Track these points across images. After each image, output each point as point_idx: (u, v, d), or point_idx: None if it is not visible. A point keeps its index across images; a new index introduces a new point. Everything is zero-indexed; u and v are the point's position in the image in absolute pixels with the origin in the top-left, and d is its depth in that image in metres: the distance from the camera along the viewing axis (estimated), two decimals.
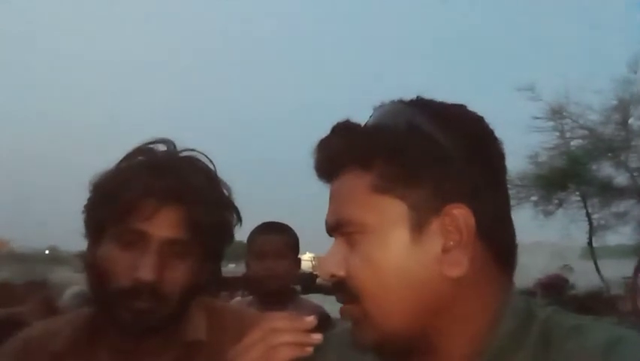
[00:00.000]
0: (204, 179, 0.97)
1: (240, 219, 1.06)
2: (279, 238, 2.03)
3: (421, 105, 0.70)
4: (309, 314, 0.72)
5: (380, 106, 0.71)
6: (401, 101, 0.71)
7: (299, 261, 2.06)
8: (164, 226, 0.90)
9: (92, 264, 0.94)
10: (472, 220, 0.66)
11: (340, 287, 0.67)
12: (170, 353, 0.93)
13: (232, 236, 1.04)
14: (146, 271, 0.88)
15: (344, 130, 0.70)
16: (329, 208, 0.71)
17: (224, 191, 1.01)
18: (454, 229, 0.65)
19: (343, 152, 0.69)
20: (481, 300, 0.67)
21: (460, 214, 0.65)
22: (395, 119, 0.68)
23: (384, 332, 0.65)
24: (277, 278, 1.98)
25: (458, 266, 0.65)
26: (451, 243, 0.65)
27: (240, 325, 1.04)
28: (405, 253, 0.65)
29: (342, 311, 0.69)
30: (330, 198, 0.71)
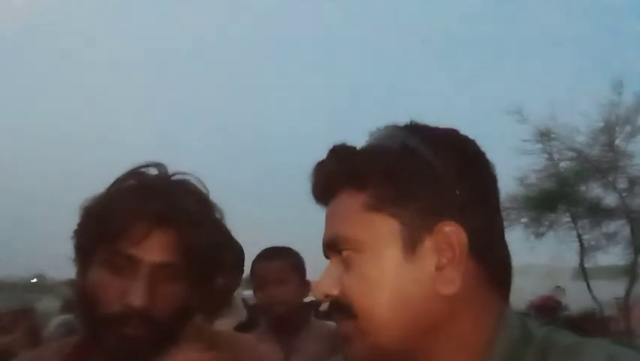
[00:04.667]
0: (196, 202, 0.96)
1: (232, 243, 1.05)
2: (279, 263, 1.98)
3: (414, 128, 0.72)
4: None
5: (375, 130, 0.74)
6: (395, 125, 0.73)
7: (306, 284, 1.99)
8: (154, 250, 0.89)
9: (81, 289, 0.93)
10: (464, 238, 0.66)
11: (336, 307, 0.69)
12: None
13: (224, 260, 1.03)
14: (136, 297, 0.86)
15: (339, 152, 0.71)
16: (325, 229, 0.72)
17: (217, 214, 1.00)
18: (447, 247, 0.66)
19: (339, 173, 0.70)
20: (476, 318, 0.67)
21: (452, 232, 0.66)
22: (389, 141, 0.70)
23: (377, 349, 0.65)
24: (282, 304, 1.93)
25: (451, 284, 0.65)
26: (444, 260, 0.66)
27: (233, 350, 1.04)
28: (398, 271, 0.65)
29: (337, 329, 0.70)
30: (326, 220, 0.73)
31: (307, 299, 2.05)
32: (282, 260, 1.99)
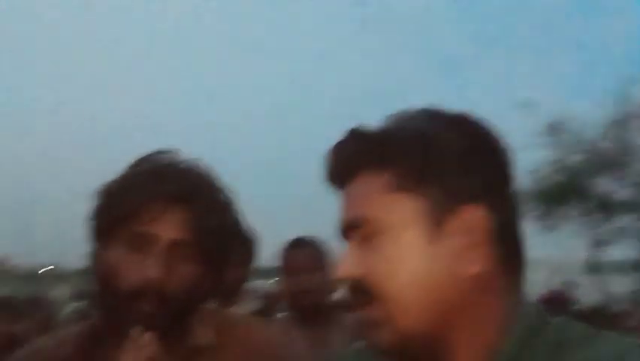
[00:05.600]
0: (209, 183, 1.00)
1: (244, 225, 1.07)
2: (307, 252, 1.98)
3: (434, 112, 0.72)
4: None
5: (393, 114, 0.73)
6: (413, 109, 0.73)
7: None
8: (169, 227, 0.92)
9: (98, 268, 0.96)
10: (486, 221, 0.66)
11: (357, 289, 0.66)
12: (175, 358, 0.93)
13: (236, 241, 1.05)
14: (153, 271, 0.89)
15: (359, 133, 0.70)
16: (344, 210, 0.70)
17: (229, 196, 1.03)
18: (469, 229, 0.66)
19: (359, 154, 0.69)
20: (493, 303, 0.67)
21: (475, 214, 0.66)
22: (411, 123, 0.70)
23: (402, 333, 0.64)
24: (308, 294, 1.93)
25: (473, 266, 0.65)
26: (466, 242, 0.66)
27: (248, 334, 1.06)
28: (422, 252, 0.65)
29: (359, 315, 0.67)
30: (345, 201, 0.71)
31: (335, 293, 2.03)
32: (311, 250, 1.98)
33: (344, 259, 0.68)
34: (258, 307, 2.20)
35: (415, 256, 0.64)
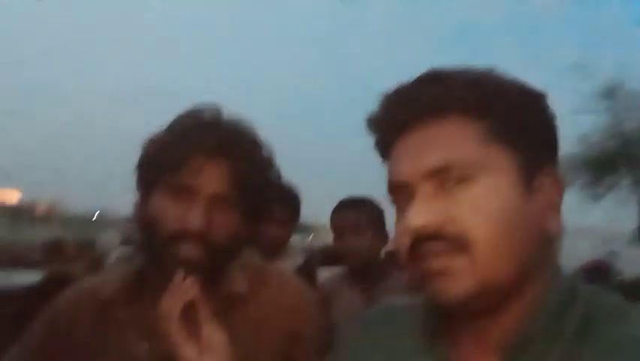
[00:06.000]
0: (248, 138, 1.03)
1: (280, 180, 1.09)
2: (354, 214, 1.97)
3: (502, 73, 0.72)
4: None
5: (461, 67, 0.71)
6: (479, 68, 0.71)
7: (385, 235, 1.95)
8: (210, 180, 0.96)
9: (143, 216, 1.01)
10: (564, 184, 0.68)
11: (440, 238, 0.63)
12: (212, 303, 0.96)
13: (278, 197, 1.07)
14: (193, 219, 0.93)
15: (446, 77, 0.68)
16: (426, 153, 0.66)
17: (267, 152, 1.06)
18: (555, 189, 0.67)
19: (452, 98, 0.66)
20: (549, 268, 0.68)
21: (558, 176, 0.68)
22: (504, 77, 0.69)
23: (482, 282, 0.62)
24: (357, 256, 1.93)
25: (554, 225, 0.66)
26: (552, 201, 0.67)
27: (279, 283, 1.10)
28: (514, 202, 0.64)
29: (435, 264, 0.64)
30: (426, 144, 0.67)
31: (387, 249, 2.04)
32: (358, 211, 1.98)
33: (421, 206, 0.65)
34: (300, 262, 2.24)
35: (508, 206, 0.63)
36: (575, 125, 11.60)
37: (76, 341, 1.02)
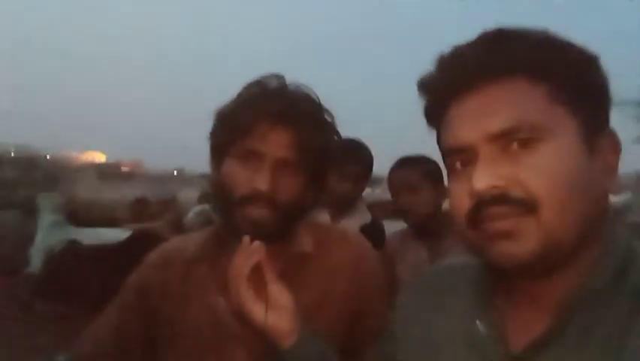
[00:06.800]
0: (311, 105, 1.07)
1: (342, 145, 1.12)
2: (409, 171, 1.98)
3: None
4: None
5: (512, 28, 0.69)
6: (530, 28, 0.69)
7: (443, 190, 1.94)
8: (276, 145, 1.01)
9: (215, 180, 1.08)
10: (620, 145, 0.69)
11: (503, 200, 0.63)
12: (281, 262, 1.04)
13: (339, 160, 1.12)
14: (261, 182, 0.99)
15: (509, 38, 0.67)
16: (492, 115, 0.65)
17: (329, 118, 1.10)
18: (612, 150, 0.68)
19: (516, 59, 0.66)
20: (606, 226, 0.67)
21: (616, 137, 0.69)
22: (561, 38, 0.67)
23: (551, 244, 0.62)
24: (414, 213, 1.96)
25: (614, 185, 0.67)
26: (612, 162, 0.68)
27: (343, 242, 1.14)
28: (579, 163, 0.64)
29: (499, 226, 0.64)
30: (490, 106, 0.66)
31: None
32: (413, 168, 1.99)
33: (487, 167, 0.64)
34: (368, 220, 2.25)
35: (574, 167, 0.63)
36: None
37: (165, 299, 1.11)
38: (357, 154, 2.16)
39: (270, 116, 1.01)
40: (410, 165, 1.99)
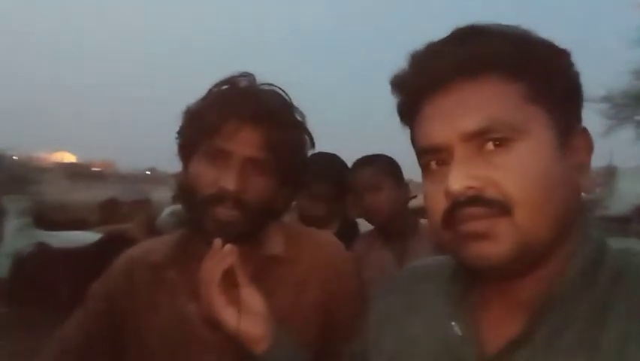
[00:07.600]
0: (281, 105, 1.05)
1: (313, 144, 1.10)
2: (370, 170, 1.93)
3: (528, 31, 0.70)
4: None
5: (490, 24, 0.68)
6: (503, 24, 0.69)
7: (404, 186, 1.93)
8: (244, 144, 0.99)
9: (183, 179, 1.06)
10: (593, 143, 0.69)
11: (479, 201, 0.63)
12: (251, 265, 1.02)
13: (308, 160, 1.10)
14: (228, 181, 0.98)
15: (483, 35, 0.66)
16: (466, 114, 0.64)
17: (299, 117, 1.08)
18: (585, 148, 0.68)
19: (491, 57, 0.64)
20: (579, 225, 0.67)
21: (589, 136, 0.69)
22: (533, 34, 0.67)
23: (525, 245, 0.62)
24: (378, 212, 1.90)
25: (587, 183, 0.67)
26: (583, 160, 0.67)
27: (315, 244, 1.13)
28: (553, 163, 0.64)
29: (472, 227, 0.63)
30: (464, 104, 0.65)
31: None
32: (373, 167, 1.94)
33: (461, 168, 0.63)
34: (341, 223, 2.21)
35: (548, 166, 0.63)
36: (629, 60, 10.98)
37: (133, 304, 1.08)
38: (327, 172, 1.99)
39: (239, 115, 0.99)
40: (370, 165, 1.95)
